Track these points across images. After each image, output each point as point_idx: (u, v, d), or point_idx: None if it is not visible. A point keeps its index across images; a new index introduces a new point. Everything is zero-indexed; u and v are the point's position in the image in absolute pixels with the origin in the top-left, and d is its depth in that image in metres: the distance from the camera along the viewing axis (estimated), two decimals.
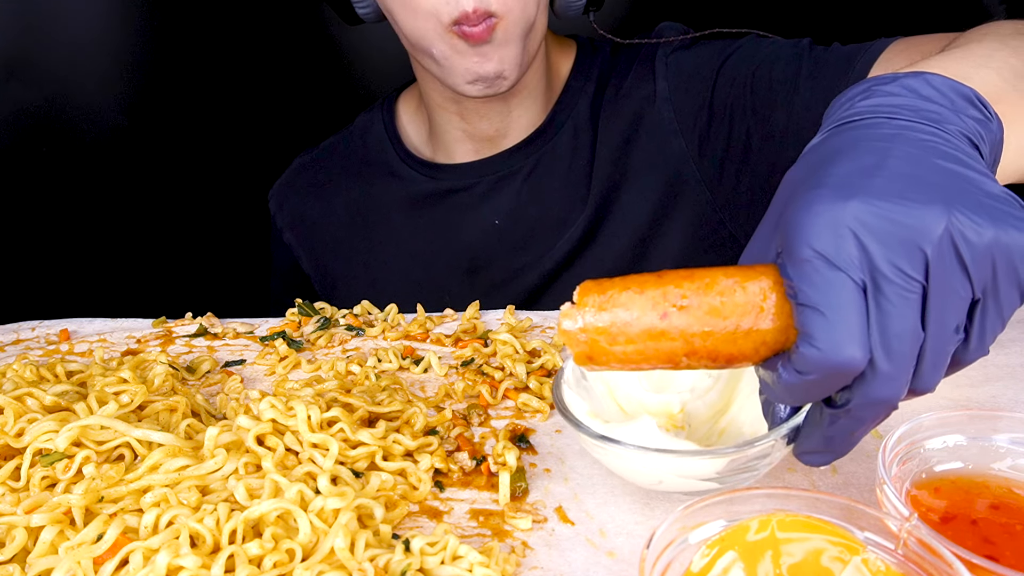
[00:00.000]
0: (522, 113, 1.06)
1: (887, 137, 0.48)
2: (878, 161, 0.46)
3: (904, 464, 0.55)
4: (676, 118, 1.03)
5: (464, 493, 0.62)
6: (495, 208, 1.09)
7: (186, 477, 0.58)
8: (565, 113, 1.07)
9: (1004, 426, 0.57)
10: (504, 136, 1.08)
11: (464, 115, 1.06)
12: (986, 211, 0.43)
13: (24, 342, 0.87)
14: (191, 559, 0.49)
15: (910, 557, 0.44)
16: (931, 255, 0.42)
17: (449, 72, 0.94)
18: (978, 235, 0.42)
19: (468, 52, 0.91)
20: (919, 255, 0.42)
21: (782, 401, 0.47)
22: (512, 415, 0.72)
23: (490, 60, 0.92)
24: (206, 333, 0.88)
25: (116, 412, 0.63)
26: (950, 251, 0.42)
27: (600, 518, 0.58)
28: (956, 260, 0.43)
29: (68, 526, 0.54)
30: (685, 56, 1.03)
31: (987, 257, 0.43)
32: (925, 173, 0.45)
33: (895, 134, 0.48)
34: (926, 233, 0.42)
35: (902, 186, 0.44)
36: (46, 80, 1.46)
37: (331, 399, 0.69)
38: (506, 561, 0.53)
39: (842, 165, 0.46)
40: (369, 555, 0.51)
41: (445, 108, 1.06)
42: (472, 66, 0.92)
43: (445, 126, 1.09)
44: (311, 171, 1.19)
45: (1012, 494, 0.54)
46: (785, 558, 0.43)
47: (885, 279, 0.42)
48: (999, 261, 0.43)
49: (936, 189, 0.44)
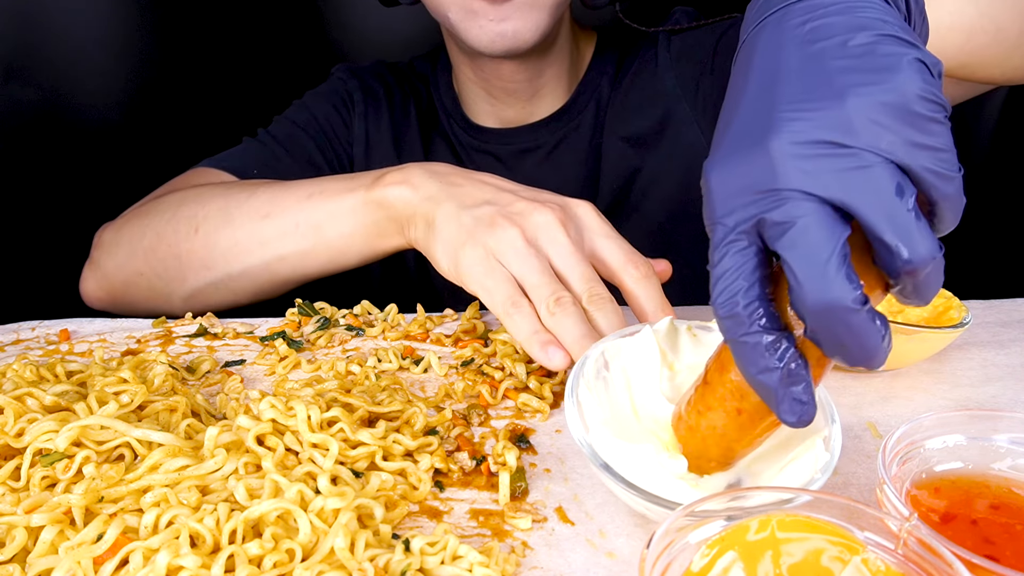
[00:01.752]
0: (547, 95, 1.10)
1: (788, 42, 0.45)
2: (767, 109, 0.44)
3: (904, 464, 0.55)
4: (679, 84, 1.07)
5: (464, 493, 0.62)
6: (517, 175, 1.11)
7: (186, 477, 0.58)
8: (588, 94, 1.11)
9: (1004, 426, 0.57)
10: (530, 116, 1.12)
11: (492, 93, 1.09)
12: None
13: (24, 342, 0.87)
14: (191, 559, 0.49)
15: (910, 557, 0.44)
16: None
17: (465, 33, 0.95)
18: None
19: (486, 10, 0.92)
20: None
21: None
22: (512, 415, 0.72)
23: (507, 19, 0.93)
24: (206, 333, 0.88)
25: (116, 412, 0.63)
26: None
27: (600, 518, 0.58)
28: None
29: (68, 526, 0.54)
30: (687, 38, 1.08)
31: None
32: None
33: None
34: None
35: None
36: (45, 79, 1.46)
37: (331, 399, 0.69)
38: (506, 561, 0.53)
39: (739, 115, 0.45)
40: (369, 555, 0.51)
41: (474, 82, 1.10)
42: (488, 23, 0.93)
43: (474, 100, 1.12)
44: (380, 78, 1.18)
45: (1012, 494, 0.54)
46: (785, 558, 0.43)
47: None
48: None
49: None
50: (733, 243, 0.44)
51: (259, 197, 0.89)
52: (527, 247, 0.70)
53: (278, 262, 0.88)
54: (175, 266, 0.92)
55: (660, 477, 0.53)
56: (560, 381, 0.76)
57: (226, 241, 0.90)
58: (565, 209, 0.74)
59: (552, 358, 0.66)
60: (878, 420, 0.69)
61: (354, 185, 0.83)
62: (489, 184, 0.78)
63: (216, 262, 0.90)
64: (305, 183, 0.88)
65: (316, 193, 0.85)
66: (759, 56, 0.47)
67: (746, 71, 0.47)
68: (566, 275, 0.71)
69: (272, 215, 0.87)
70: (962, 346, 0.80)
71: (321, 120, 1.15)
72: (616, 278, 0.73)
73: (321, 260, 0.87)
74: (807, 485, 0.52)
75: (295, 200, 0.86)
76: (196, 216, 0.92)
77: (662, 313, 0.70)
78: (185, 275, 0.92)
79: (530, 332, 0.68)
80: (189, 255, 0.91)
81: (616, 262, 0.73)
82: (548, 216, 0.72)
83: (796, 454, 0.54)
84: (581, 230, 0.74)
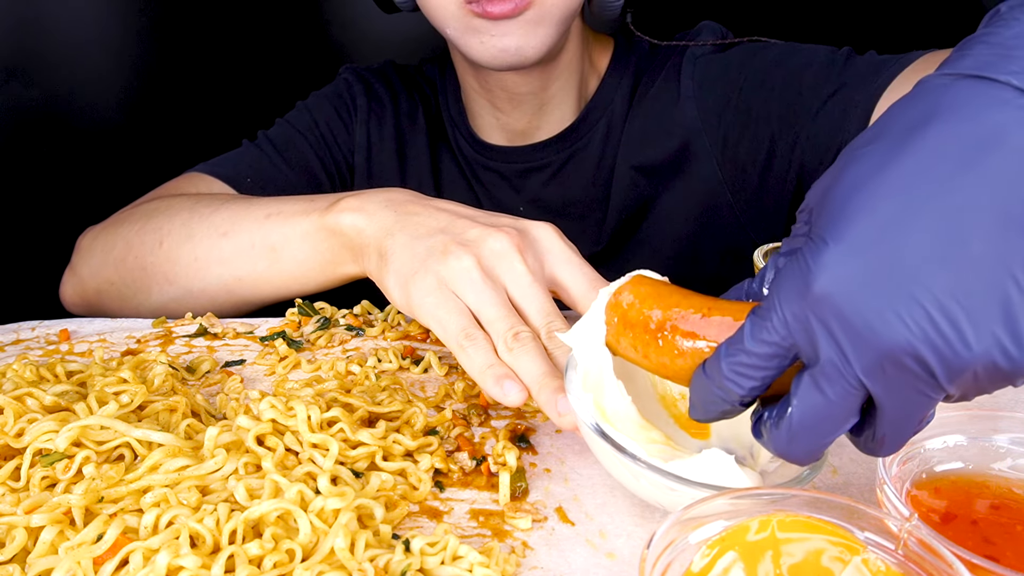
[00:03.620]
0: (555, 108, 1.06)
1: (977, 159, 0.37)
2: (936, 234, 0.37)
3: (904, 464, 0.55)
4: (700, 117, 1.01)
5: (464, 493, 0.62)
6: (522, 194, 1.09)
7: (186, 477, 0.58)
8: (600, 110, 1.07)
9: (1004, 426, 0.57)
10: (537, 129, 1.08)
11: (497, 105, 1.06)
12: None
13: (24, 342, 0.87)
14: (191, 559, 0.49)
15: (910, 557, 0.44)
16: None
17: (466, 46, 0.93)
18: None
19: (487, 27, 0.89)
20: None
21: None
22: (512, 415, 0.72)
23: (510, 35, 0.89)
24: (206, 333, 0.87)
25: (116, 412, 0.63)
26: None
27: (600, 519, 0.58)
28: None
29: (68, 526, 0.54)
30: (715, 58, 1.01)
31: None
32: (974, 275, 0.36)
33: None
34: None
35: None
36: (45, 79, 1.46)
37: (331, 399, 0.69)
38: (506, 561, 0.53)
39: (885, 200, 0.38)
40: (369, 555, 0.51)
41: (479, 93, 1.07)
42: (488, 40, 0.90)
43: (480, 112, 1.10)
44: (386, 80, 1.16)
45: (1012, 494, 0.54)
46: (785, 558, 0.42)
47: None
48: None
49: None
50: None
51: (221, 214, 0.88)
52: (482, 277, 0.66)
53: (236, 282, 0.87)
54: (141, 278, 0.92)
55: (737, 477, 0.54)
56: None
57: (187, 256, 0.89)
58: (524, 234, 0.70)
59: (508, 393, 0.62)
60: None
61: (311, 208, 0.81)
62: (445, 211, 0.74)
63: (178, 277, 0.90)
64: (268, 202, 0.87)
65: (274, 214, 0.84)
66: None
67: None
68: (523, 307, 0.67)
69: (231, 233, 0.86)
70: None
71: (322, 125, 1.13)
72: (579, 307, 0.69)
73: (276, 284, 0.86)
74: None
75: (254, 220, 0.85)
76: (162, 229, 0.91)
77: None
78: (150, 287, 0.92)
79: (485, 366, 0.63)
80: (153, 268, 0.91)
81: (578, 290, 0.69)
82: (504, 242, 0.68)
83: None
84: (541, 255, 0.70)
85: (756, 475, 0.57)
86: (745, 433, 0.61)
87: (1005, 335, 0.37)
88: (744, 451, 0.60)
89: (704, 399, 0.48)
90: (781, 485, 0.54)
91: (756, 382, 0.45)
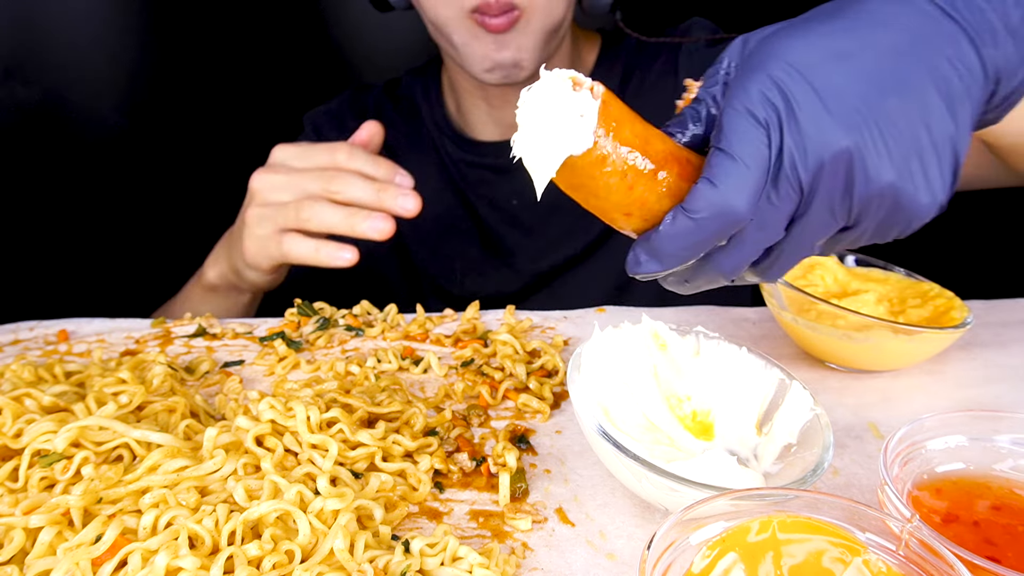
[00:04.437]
0: None
1: (884, 21, 0.47)
2: (851, 48, 0.46)
3: (906, 465, 0.55)
4: None
5: (464, 494, 0.62)
6: (515, 188, 1.10)
7: (185, 478, 0.58)
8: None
9: (1005, 427, 0.56)
10: None
11: (489, 100, 1.09)
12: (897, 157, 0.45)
13: (22, 342, 0.86)
14: (190, 560, 0.49)
15: (911, 558, 0.44)
16: (827, 170, 0.45)
17: (467, 58, 0.97)
18: (877, 176, 0.45)
19: (486, 39, 0.94)
20: (816, 163, 0.45)
21: (660, 254, 0.47)
22: (512, 416, 0.72)
23: (507, 48, 0.94)
24: (205, 333, 0.87)
25: (115, 413, 0.63)
26: (841, 176, 0.45)
27: (600, 520, 0.58)
28: (844, 187, 0.46)
29: (66, 527, 0.54)
30: (710, 53, 1.04)
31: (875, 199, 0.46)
32: (886, 82, 0.45)
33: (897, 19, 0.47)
34: (833, 150, 0.44)
35: (852, 87, 0.45)
36: (45, 79, 1.45)
37: (330, 400, 0.68)
38: (506, 562, 0.52)
39: (818, 34, 0.46)
40: (369, 556, 0.51)
41: (471, 92, 1.10)
42: (489, 52, 0.94)
43: (472, 108, 1.12)
44: (359, 108, 1.19)
45: (1014, 495, 0.54)
46: (786, 559, 0.42)
47: (783, 170, 0.45)
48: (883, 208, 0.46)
49: (876, 105, 0.45)
50: None
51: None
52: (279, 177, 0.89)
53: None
54: None
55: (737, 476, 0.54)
56: (560, 382, 0.76)
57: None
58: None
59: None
60: (879, 421, 0.69)
61: (194, 280, 1.03)
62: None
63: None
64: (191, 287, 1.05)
65: (182, 299, 1.05)
66: None
67: None
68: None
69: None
70: (964, 346, 0.80)
71: None
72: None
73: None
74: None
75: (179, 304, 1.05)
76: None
77: None
78: None
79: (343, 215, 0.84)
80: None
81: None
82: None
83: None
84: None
85: (758, 476, 0.57)
86: (748, 435, 0.61)
87: (919, 170, 0.46)
88: (747, 452, 0.60)
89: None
90: (782, 486, 0.54)
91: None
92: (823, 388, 0.74)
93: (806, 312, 0.74)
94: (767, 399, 0.62)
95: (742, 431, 0.61)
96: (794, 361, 0.78)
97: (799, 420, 0.59)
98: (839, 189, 0.46)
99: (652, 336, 0.64)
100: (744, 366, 0.64)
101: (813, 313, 0.74)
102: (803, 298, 0.74)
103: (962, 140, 0.47)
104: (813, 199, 0.46)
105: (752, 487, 0.54)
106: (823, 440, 0.56)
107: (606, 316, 0.89)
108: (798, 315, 0.75)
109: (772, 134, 0.45)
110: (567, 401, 0.73)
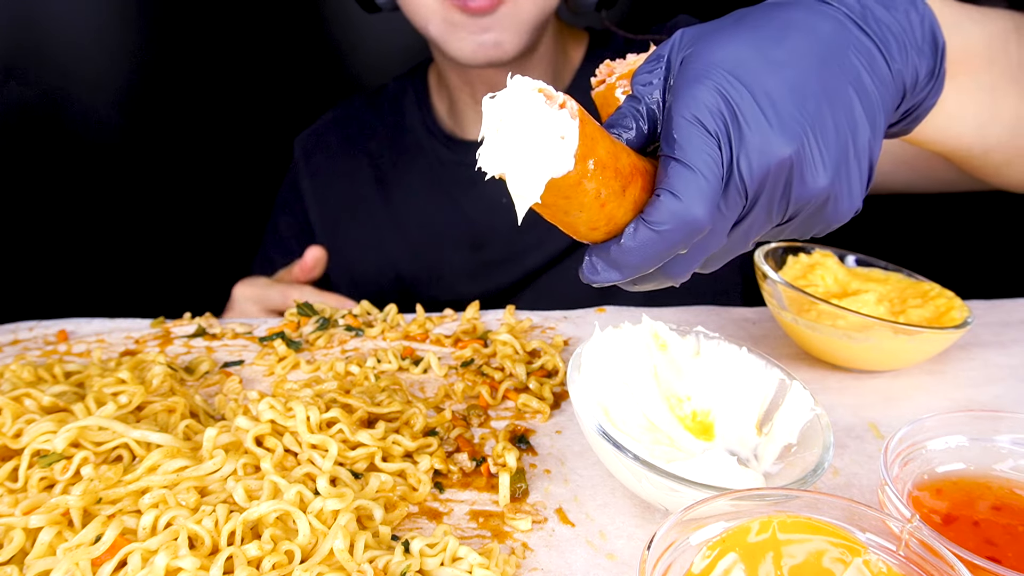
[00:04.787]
0: None
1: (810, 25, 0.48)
2: (784, 57, 0.47)
3: (906, 465, 0.55)
4: None
5: (464, 494, 0.61)
6: (504, 187, 1.10)
7: (185, 478, 0.58)
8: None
9: (1006, 427, 0.56)
10: None
11: (477, 96, 1.09)
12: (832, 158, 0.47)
13: (22, 342, 0.86)
14: (190, 560, 0.49)
15: (912, 558, 0.44)
16: (771, 177, 0.46)
17: (449, 44, 0.97)
18: (813, 181, 0.47)
19: (466, 23, 0.94)
20: (762, 172, 0.46)
21: (621, 265, 0.47)
22: (512, 416, 0.72)
23: (489, 30, 0.94)
24: (204, 333, 0.87)
25: (114, 413, 0.63)
26: (782, 182, 0.47)
27: (600, 520, 0.58)
28: (782, 192, 0.47)
29: (66, 527, 0.54)
30: None
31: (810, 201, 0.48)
32: (818, 91, 0.47)
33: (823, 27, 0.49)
34: (777, 159, 0.46)
35: (789, 95, 0.46)
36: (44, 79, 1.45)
37: (330, 400, 0.68)
38: (506, 563, 0.52)
39: (751, 43, 0.48)
40: (368, 556, 0.51)
41: (461, 89, 1.10)
42: (469, 35, 0.95)
43: (462, 105, 1.12)
44: (343, 126, 1.20)
45: (1014, 495, 0.54)
46: (786, 559, 0.42)
47: (733, 180, 0.46)
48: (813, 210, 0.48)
49: (812, 114, 0.47)
50: None
51: None
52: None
53: None
54: None
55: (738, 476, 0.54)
56: (560, 382, 0.76)
57: None
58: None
59: None
60: (880, 421, 0.69)
61: None
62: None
63: None
64: None
65: None
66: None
67: None
68: None
69: None
70: (964, 346, 0.79)
71: (285, 222, 1.23)
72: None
73: None
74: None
75: None
76: None
77: None
78: None
79: None
80: None
81: None
82: None
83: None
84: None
85: (758, 476, 0.57)
86: (748, 435, 0.61)
87: (845, 175, 0.48)
88: (747, 452, 0.60)
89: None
90: (782, 486, 0.54)
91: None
92: (823, 388, 0.74)
93: (806, 312, 0.74)
94: (767, 399, 0.62)
95: (742, 431, 0.61)
96: (794, 361, 0.78)
97: (799, 420, 0.59)
98: (779, 194, 0.48)
99: (652, 336, 0.64)
100: (744, 366, 0.64)
101: (813, 313, 0.74)
102: (803, 298, 0.74)
103: (877, 147, 0.50)
104: (755, 204, 0.47)
105: (752, 487, 0.54)
106: (823, 440, 0.56)
107: (606, 316, 0.89)
108: (798, 315, 0.75)
109: (723, 145, 0.46)
110: (567, 401, 0.73)
